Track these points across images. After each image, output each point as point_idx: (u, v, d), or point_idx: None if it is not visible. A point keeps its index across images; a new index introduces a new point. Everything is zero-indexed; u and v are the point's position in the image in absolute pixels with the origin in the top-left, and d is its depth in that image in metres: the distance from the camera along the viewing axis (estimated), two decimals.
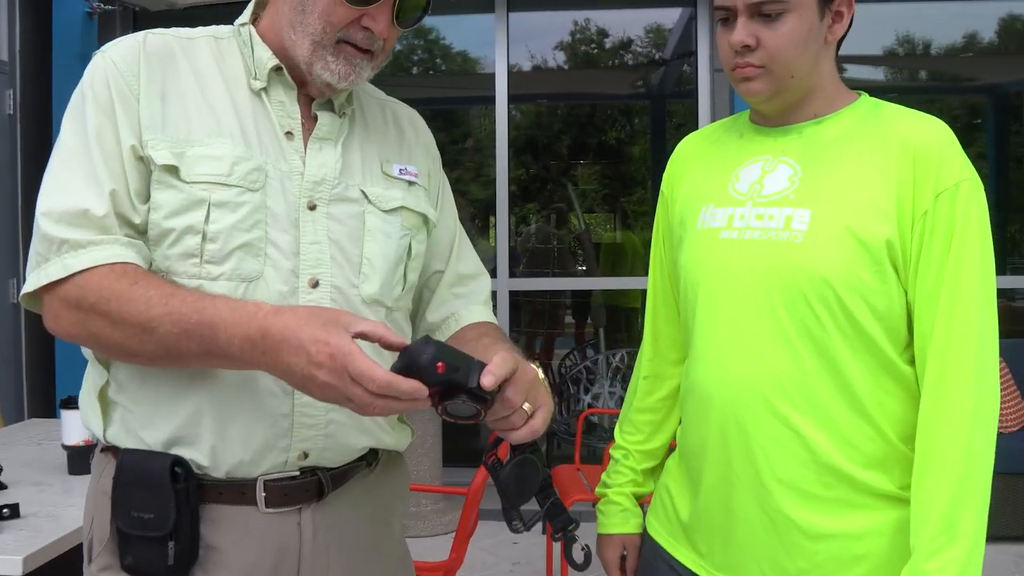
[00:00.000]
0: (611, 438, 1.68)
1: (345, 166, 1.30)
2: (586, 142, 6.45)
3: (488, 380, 1.06)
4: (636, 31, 5.95)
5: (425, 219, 1.40)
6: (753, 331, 1.32)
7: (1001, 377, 4.36)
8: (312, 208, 1.25)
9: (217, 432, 1.20)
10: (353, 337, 1.05)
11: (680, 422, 1.53)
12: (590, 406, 5.06)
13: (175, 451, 1.20)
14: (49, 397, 4.74)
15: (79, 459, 2.36)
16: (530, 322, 6.39)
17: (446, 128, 6.40)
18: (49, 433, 2.81)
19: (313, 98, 1.31)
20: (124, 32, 5.21)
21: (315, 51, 1.23)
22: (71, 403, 2.37)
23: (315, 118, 1.30)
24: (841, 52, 1.41)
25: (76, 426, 2.36)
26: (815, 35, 1.31)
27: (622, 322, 6.41)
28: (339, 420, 1.26)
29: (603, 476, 1.62)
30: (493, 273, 5.38)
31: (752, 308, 1.32)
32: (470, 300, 1.46)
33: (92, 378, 1.28)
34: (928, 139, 1.26)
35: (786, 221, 1.31)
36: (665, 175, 1.58)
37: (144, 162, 1.19)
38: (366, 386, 1.01)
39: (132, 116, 1.19)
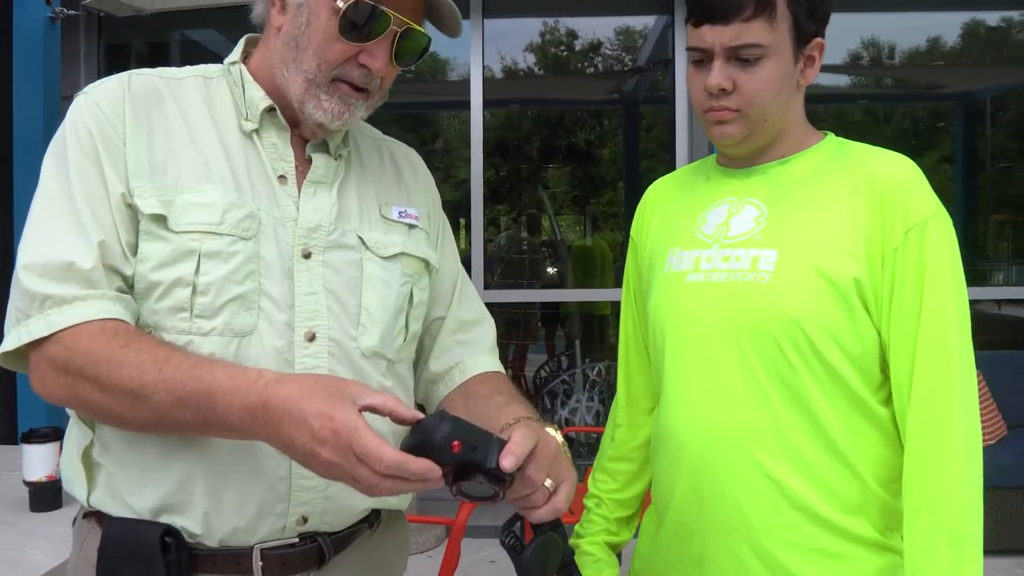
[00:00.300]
0: (591, 453, 1.64)
1: (341, 211, 1.23)
2: (557, 144, 6.43)
3: (509, 462, 0.99)
4: (612, 37, 5.93)
5: (427, 264, 1.33)
6: (723, 375, 1.30)
7: (979, 390, 4.38)
8: (307, 256, 1.19)
9: (210, 497, 1.13)
10: (361, 410, 0.98)
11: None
12: (567, 420, 5.00)
13: (165, 518, 1.12)
14: (9, 424, 4.59)
15: (42, 495, 2.26)
16: (504, 332, 6.34)
17: (415, 129, 6.34)
18: (9, 463, 2.69)
19: (307, 140, 1.24)
20: (88, 38, 5.10)
21: (308, 89, 1.18)
22: (33, 437, 2.27)
23: (309, 161, 1.24)
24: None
25: (39, 461, 2.26)
26: (789, 80, 1.31)
27: (596, 330, 6.38)
28: (340, 483, 1.17)
29: (576, 527, 1.59)
30: None
31: (721, 351, 1.30)
32: (475, 348, 1.40)
33: (75, 438, 1.19)
34: (895, 177, 1.26)
35: (752, 262, 1.30)
36: (634, 221, 1.57)
37: (133, 210, 1.11)
38: (373, 466, 0.94)
39: (118, 161, 1.12)
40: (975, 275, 6.05)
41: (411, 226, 1.32)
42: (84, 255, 1.08)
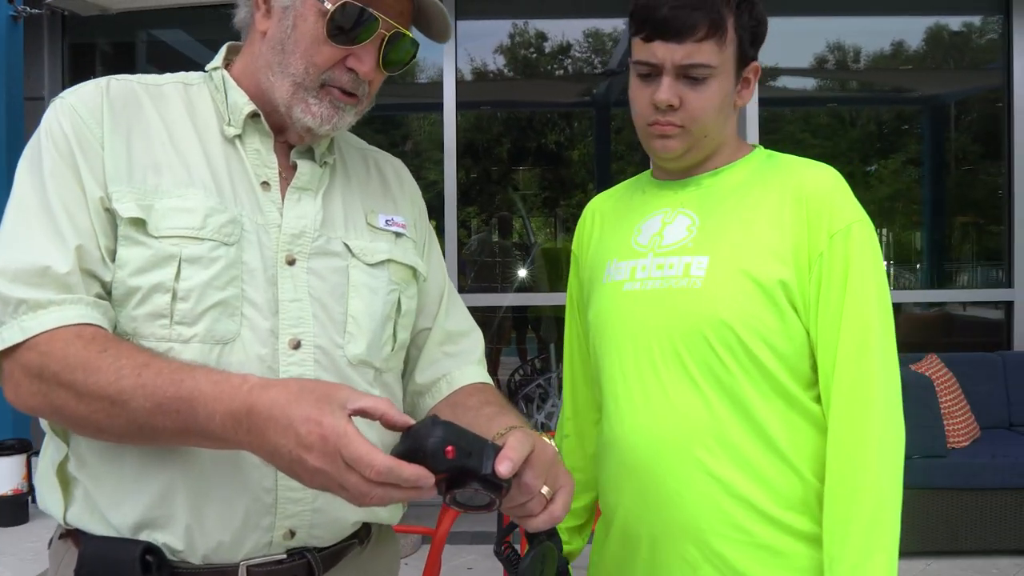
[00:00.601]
0: None
1: (326, 218, 1.21)
2: (527, 146, 6.43)
3: (505, 467, 0.95)
4: (585, 40, 5.93)
5: (415, 272, 1.30)
6: (661, 379, 1.34)
7: (950, 392, 4.41)
8: (291, 263, 1.16)
9: (192, 510, 1.08)
10: (351, 415, 0.94)
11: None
12: (544, 425, 4.97)
13: (146, 535, 1.08)
14: None
15: (8, 510, 2.20)
16: None
17: (384, 131, 6.31)
18: None
19: (292, 146, 1.22)
20: (51, 37, 5.01)
21: (295, 93, 1.16)
22: None
23: (294, 167, 1.21)
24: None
25: (4, 474, 2.19)
26: (729, 99, 1.38)
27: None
28: (328, 495, 1.11)
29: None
30: None
31: (659, 356, 1.35)
32: (462, 360, 1.36)
33: (50, 453, 1.14)
34: (820, 186, 1.33)
35: (685, 268, 1.35)
36: (575, 237, 1.61)
37: (111, 215, 1.08)
38: (363, 472, 0.89)
39: (96, 165, 1.09)
40: (943, 277, 6.13)
41: (398, 234, 1.29)
42: (60, 259, 1.05)
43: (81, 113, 1.11)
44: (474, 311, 1.45)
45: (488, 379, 1.37)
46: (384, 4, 1.14)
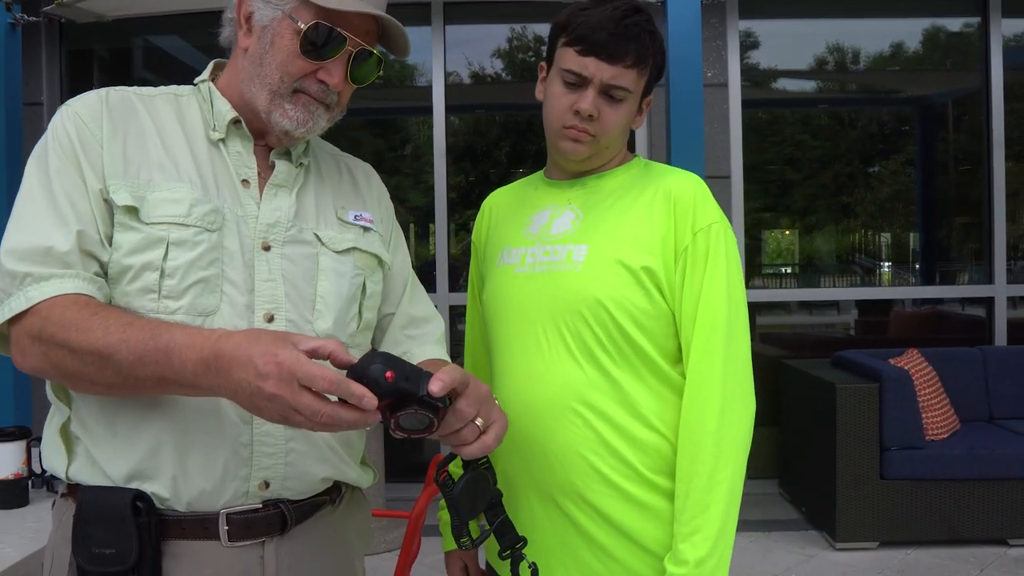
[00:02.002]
0: None
1: (299, 211, 1.36)
2: (526, 148, 6.52)
3: (436, 386, 1.08)
4: None
5: (379, 260, 1.45)
6: (543, 351, 1.53)
7: (929, 385, 4.49)
8: (267, 249, 1.31)
9: (177, 462, 1.22)
10: (303, 352, 1.06)
11: None
12: None
13: (136, 485, 1.22)
14: None
15: (9, 493, 2.29)
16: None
17: (384, 135, 6.42)
18: None
19: (271, 149, 1.36)
20: (49, 43, 5.10)
21: (273, 100, 1.30)
22: (1, 435, 2.29)
23: (272, 167, 1.35)
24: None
25: (5, 459, 2.29)
26: (630, 121, 1.60)
27: None
28: (299, 449, 1.29)
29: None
30: (432, 287, 5.37)
31: (541, 331, 1.53)
32: (422, 340, 1.51)
33: (54, 417, 1.30)
34: (686, 190, 1.53)
35: (568, 255, 1.54)
36: (475, 228, 1.81)
37: (109, 205, 1.22)
38: (315, 385, 1.01)
39: (96, 162, 1.24)
40: (937, 276, 6.18)
41: (365, 228, 1.44)
42: (62, 240, 1.19)
43: (84, 118, 1.26)
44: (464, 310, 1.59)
45: (446, 356, 1.50)
46: (351, 24, 1.29)
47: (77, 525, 1.22)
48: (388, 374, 1.06)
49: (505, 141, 6.40)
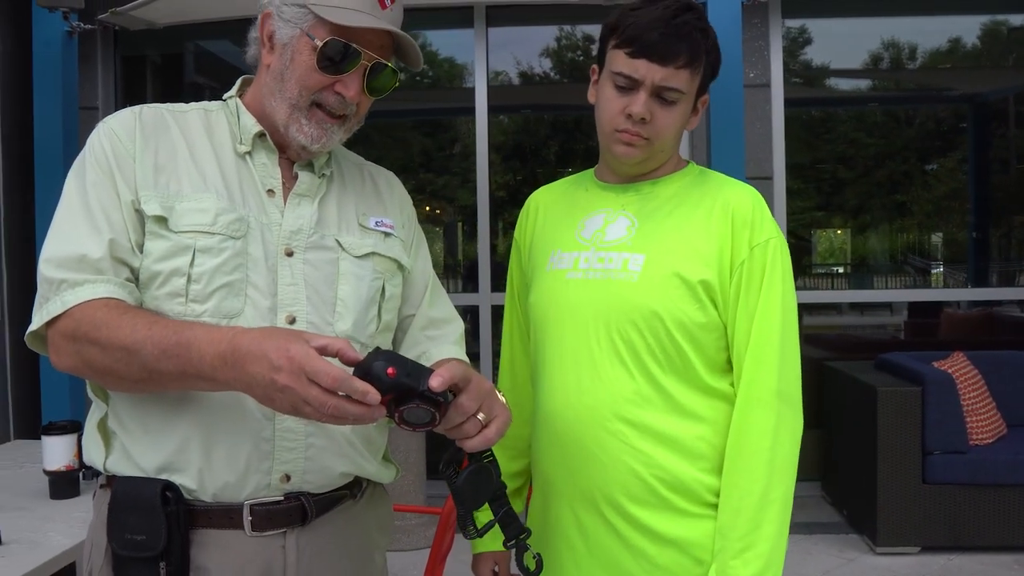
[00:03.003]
0: None
1: (321, 219, 1.43)
2: (575, 148, 6.55)
3: (436, 381, 1.14)
4: None
5: (399, 265, 1.50)
6: (594, 359, 1.52)
7: (974, 389, 4.42)
8: (289, 255, 1.37)
9: (204, 456, 1.30)
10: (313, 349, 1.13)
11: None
12: None
13: (166, 476, 1.30)
14: (34, 416, 4.75)
15: (61, 484, 2.39)
16: None
17: (433, 134, 6.52)
18: (31, 455, 2.84)
19: (294, 161, 1.43)
20: (104, 50, 5.24)
21: (291, 114, 1.36)
22: (52, 429, 2.40)
23: (296, 177, 1.42)
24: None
25: (58, 452, 2.39)
26: (686, 122, 1.56)
27: None
28: (318, 444, 1.36)
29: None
30: (476, 287, 5.42)
31: (593, 338, 1.52)
32: (441, 341, 1.55)
33: (94, 413, 1.38)
34: (744, 203, 1.52)
35: (623, 263, 1.53)
36: (518, 225, 1.79)
37: (140, 215, 1.30)
38: (321, 381, 1.08)
39: (129, 175, 1.32)
40: (1000, 278, 6.05)
41: (386, 234, 1.50)
42: (95, 249, 1.28)
43: (119, 134, 1.35)
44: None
45: (463, 356, 1.54)
46: (365, 39, 1.35)
47: (112, 513, 1.30)
48: (389, 370, 1.12)
49: (553, 140, 6.45)
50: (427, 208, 6.30)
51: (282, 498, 1.35)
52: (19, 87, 4.88)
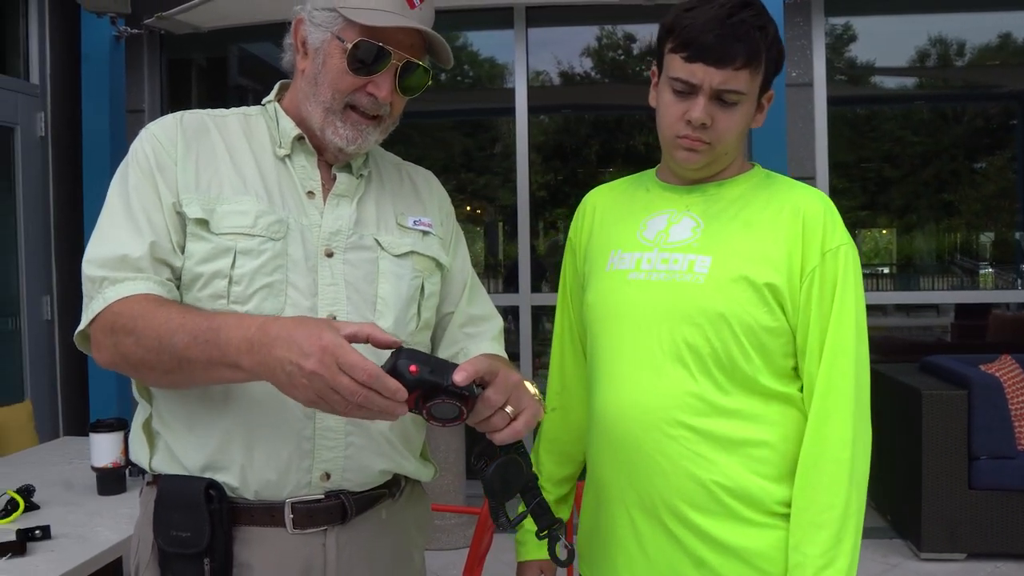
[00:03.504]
0: None
1: (360, 219, 1.45)
2: (616, 147, 6.55)
3: (459, 376, 1.15)
4: (650, 45, 5.98)
5: (438, 263, 1.52)
6: (656, 362, 1.48)
7: (1022, 393, 4.33)
8: (329, 255, 1.40)
9: (245, 454, 1.33)
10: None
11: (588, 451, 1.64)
12: None
13: (209, 475, 1.33)
14: (83, 413, 4.86)
15: (108, 480, 2.44)
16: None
17: (474, 134, 6.58)
18: (80, 452, 2.89)
19: (332, 163, 1.45)
20: (151, 54, 5.33)
21: (326, 117, 1.38)
22: (100, 427, 2.46)
23: (335, 179, 1.44)
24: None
25: (105, 449, 2.44)
26: (749, 122, 1.51)
27: None
28: (358, 443, 1.38)
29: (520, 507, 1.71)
30: (515, 288, 5.43)
31: (656, 341, 1.48)
32: (480, 338, 1.56)
33: (139, 414, 1.41)
34: (815, 208, 1.48)
35: (689, 265, 1.49)
36: (573, 225, 1.74)
37: (181, 217, 1.33)
38: (355, 375, 1.08)
39: (171, 179, 1.34)
40: None
41: (425, 232, 1.51)
42: (136, 249, 1.31)
43: (161, 139, 1.38)
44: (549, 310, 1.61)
45: (502, 352, 1.55)
46: (395, 39, 1.36)
47: (158, 511, 1.34)
48: (412, 368, 1.14)
49: (594, 140, 6.44)
50: (468, 208, 6.33)
51: (322, 496, 1.37)
52: (68, 91, 4.98)
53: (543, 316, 5.82)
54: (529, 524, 1.62)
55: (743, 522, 1.45)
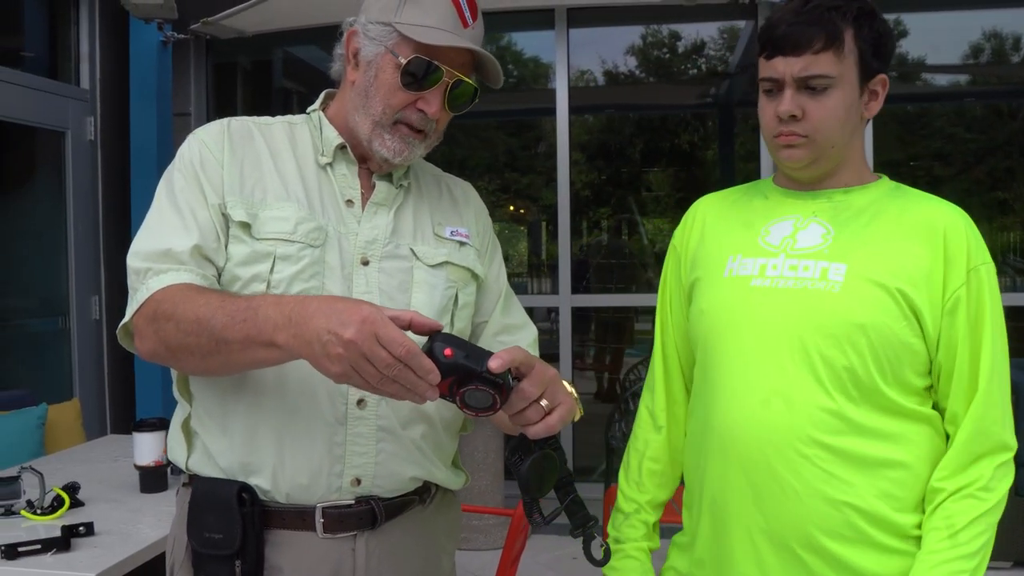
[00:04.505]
0: None
1: (397, 228, 1.46)
2: (660, 146, 6.53)
3: (496, 363, 1.14)
4: (693, 44, 5.95)
5: (473, 274, 1.52)
6: (785, 375, 1.38)
7: None
8: (365, 264, 1.41)
9: (277, 458, 1.35)
10: None
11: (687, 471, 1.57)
12: None
13: (243, 478, 1.35)
14: (129, 412, 4.96)
15: (150, 479, 2.50)
16: (601, 336, 6.40)
17: (518, 133, 6.62)
18: (125, 450, 2.96)
19: (373, 172, 1.46)
20: (197, 58, 5.42)
21: (374, 130, 1.40)
22: (143, 426, 2.51)
23: (374, 187, 1.45)
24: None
25: (148, 448, 2.49)
26: (854, 110, 1.42)
27: None
28: (388, 449, 1.39)
29: (612, 529, 1.63)
30: (555, 290, 5.42)
31: (785, 352, 1.39)
32: (514, 345, 1.52)
33: (178, 413, 1.44)
34: (958, 224, 1.39)
35: (822, 272, 1.40)
36: (679, 232, 1.64)
37: (226, 219, 1.35)
38: (393, 350, 1.07)
39: (216, 181, 1.37)
40: None
41: (461, 243, 1.52)
42: (179, 243, 1.33)
43: (208, 143, 1.41)
44: (598, 311, 1.57)
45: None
46: (447, 57, 1.37)
47: (192, 512, 1.36)
48: (447, 351, 1.13)
49: (638, 139, 6.43)
50: (511, 208, 6.34)
51: (353, 501, 1.38)
52: (117, 95, 5.07)
53: (582, 317, 5.82)
54: (634, 549, 1.57)
55: (879, 549, 1.36)
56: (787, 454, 1.36)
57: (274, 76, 6.22)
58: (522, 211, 6.46)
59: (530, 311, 1.66)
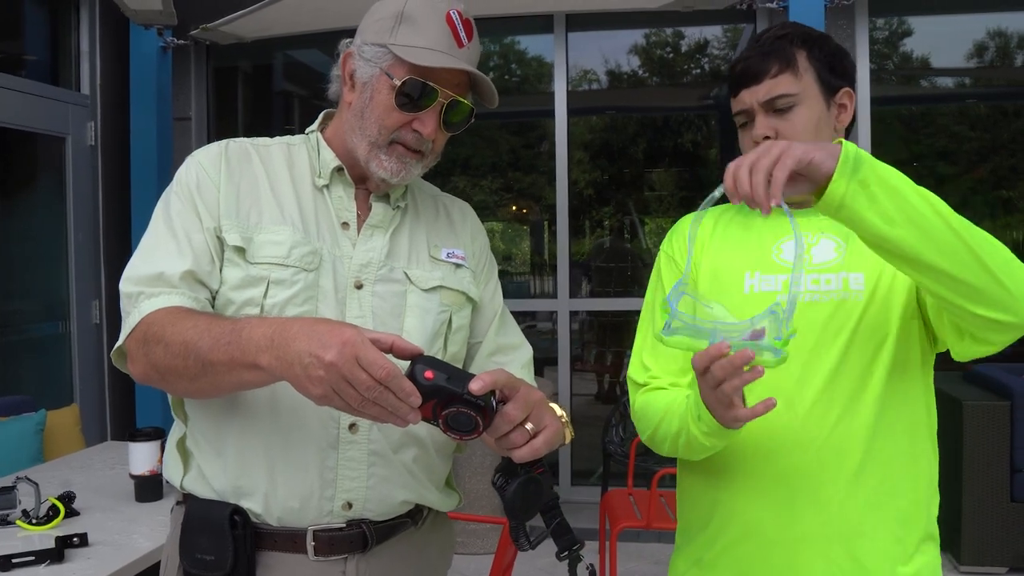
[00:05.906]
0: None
1: (392, 251, 1.47)
2: (663, 146, 6.54)
3: (476, 385, 1.13)
4: (690, 48, 5.96)
5: (467, 296, 1.52)
6: (815, 382, 1.43)
7: None
8: (359, 287, 1.42)
9: (269, 481, 1.36)
10: None
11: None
12: None
13: (235, 500, 1.36)
14: (129, 418, 4.99)
15: (146, 488, 2.51)
16: (600, 339, 6.40)
17: (521, 133, 6.67)
18: (122, 458, 2.95)
19: (371, 193, 1.47)
20: (197, 63, 5.44)
21: (371, 151, 1.41)
22: (139, 436, 2.53)
23: (371, 208, 1.46)
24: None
25: (143, 457, 2.51)
26: (824, 123, 1.49)
27: None
28: (380, 473, 1.40)
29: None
30: (554, 294, 5.44)
31: (816, 360, 1.43)
32: (508, 366, 1.52)
33: (174, 432, 1.46)
34: None
35: (843, 283, 1.46)
36: (674, 243, 1.63)
37: (221, 242, 1.36)
38: (373, 372, 1.07)
39: (211, 203, 1.38)
40: None
41: (457, 265, 1.52)
42: (172, 268, 1.34)
43: (205, 166, 1.41)
44: (600, 314, 1.55)
45: (531, 381, 1.56)
46: (442, 78, 1.38)
47: (184, 532, 1.38)
48: (428, 373, 1.12)
49: (640, 139, 6.43)
50: (514, 207, 6.35)
51: (344, 525, 1.39)
52: (117, 100, 5.10)
53: (580, 318, 5.84)
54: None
55: (904, 546, 1.44)
56: (828, 458, 1.41)
57: (274, 80, 6.23)
58: (524, 211, 6.48)
59: (530, 313, 1.66)
